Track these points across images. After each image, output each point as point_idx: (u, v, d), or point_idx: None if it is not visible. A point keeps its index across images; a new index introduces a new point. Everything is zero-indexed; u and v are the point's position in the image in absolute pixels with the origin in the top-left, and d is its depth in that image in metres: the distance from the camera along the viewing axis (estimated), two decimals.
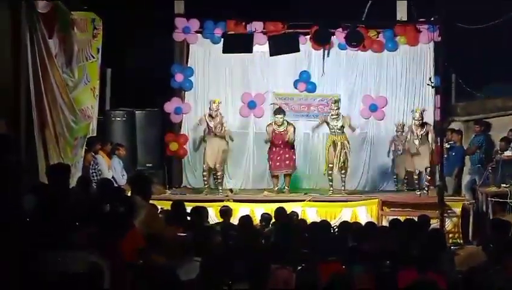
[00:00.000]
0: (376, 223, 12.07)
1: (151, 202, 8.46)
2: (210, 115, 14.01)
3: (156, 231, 7.01)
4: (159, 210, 9.64)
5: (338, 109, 13.99)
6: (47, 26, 11.24)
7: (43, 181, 9.18)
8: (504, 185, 13.06)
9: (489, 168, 13.71)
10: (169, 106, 15.21)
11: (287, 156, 14.20)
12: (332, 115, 13.96)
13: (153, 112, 15.13)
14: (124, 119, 14.71)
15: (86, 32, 12.67)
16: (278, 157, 14.17)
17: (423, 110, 14.08)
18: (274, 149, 14.20)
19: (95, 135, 12.92)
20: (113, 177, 12.33)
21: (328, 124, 13.97)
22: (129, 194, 8.30)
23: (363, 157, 15.56)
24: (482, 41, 14.18)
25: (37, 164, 10.82)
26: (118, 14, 13.33)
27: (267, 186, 15.07)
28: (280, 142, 14.14)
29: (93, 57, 12.80)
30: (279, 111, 14.43)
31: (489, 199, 13.18)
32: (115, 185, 11.24)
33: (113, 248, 5.92)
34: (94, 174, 12.57)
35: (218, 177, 14.25)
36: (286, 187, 14.27)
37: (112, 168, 12.81)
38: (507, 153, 13.67)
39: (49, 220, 6.19)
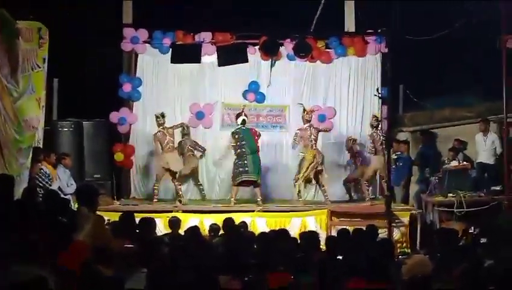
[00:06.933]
0: (325, 233, 12.16)
1: (98, 213, 8.37)
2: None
3: (102, 243, 6.91)
4: (106, 222, 9.52)
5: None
6: None
7: None
8: (450, 195, 13.21)
9: (436, 178, 13.86)
10: (114, 116, 15.04)
11: None
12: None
13: (101, 123, 14.95)
14: (71, 129, 14.53)
15: (32, 42, 12.40)
16: None
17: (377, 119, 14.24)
18: None
19: (41, 145, 12.70)
20: (59, 187, 12.16)
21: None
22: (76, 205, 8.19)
23: None
24: (430, 53, 14.38)
25: None
26: (65, 24, 13.19)
27: (217, 196, 15.04)
28: None
29: (39, 67, 12.57)
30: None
31: (436, 208, 13.33)
32: (62, 195, 11.09)
33: (57, 260, 5.81)
34: (41, 185, 12.35)
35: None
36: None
37: (57, 178, 12.60)
38: (453, 163, 13.84)
39: None
